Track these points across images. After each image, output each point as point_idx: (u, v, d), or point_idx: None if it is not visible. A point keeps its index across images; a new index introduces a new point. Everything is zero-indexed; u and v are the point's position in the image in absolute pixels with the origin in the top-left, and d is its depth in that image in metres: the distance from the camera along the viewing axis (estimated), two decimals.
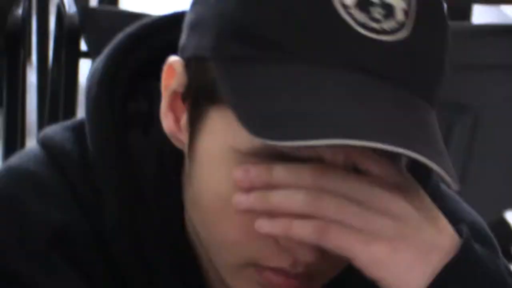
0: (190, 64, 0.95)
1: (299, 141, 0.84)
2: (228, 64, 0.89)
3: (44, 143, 1.04)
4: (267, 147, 0.87)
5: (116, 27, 1.12)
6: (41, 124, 3.51)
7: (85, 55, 3.18)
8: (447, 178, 0.84)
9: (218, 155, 0.93)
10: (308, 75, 0.87)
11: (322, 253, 0.92)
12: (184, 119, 0.97)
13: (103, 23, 2.98)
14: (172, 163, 1.01)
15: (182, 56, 0.97)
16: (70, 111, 3.22)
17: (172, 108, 0.97)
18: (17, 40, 3.18)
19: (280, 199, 0.89)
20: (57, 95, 3.24)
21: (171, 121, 0.97)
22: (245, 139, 0.88)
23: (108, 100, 1.01)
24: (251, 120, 0.86)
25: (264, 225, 0.89)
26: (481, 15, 3.99)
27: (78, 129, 1.03)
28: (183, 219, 1.01)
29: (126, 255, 1.00)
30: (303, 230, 0.88)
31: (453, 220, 0.94)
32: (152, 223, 1.00)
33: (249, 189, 0.90)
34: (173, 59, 0.97)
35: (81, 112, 3.39)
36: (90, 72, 1.04)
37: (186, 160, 1.01)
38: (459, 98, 2.23)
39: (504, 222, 2.98)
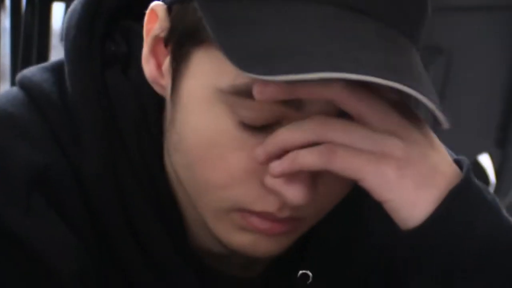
0: (172, 7, 0.94)
1: (291, 75, 0.79)
2: (211, 2, 0.87)
3: (23, 84, 1.01)
4: (248, 85, 0.84)
5: None
6: (14, 68, 3.44)
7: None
8: (440, 116, 0.82)
9: (202, 96, 0.91)
10: (292, 9, 0.83)
11: (312, 194, 0.89)
12: (166, 63, 0.95)
13: None
14: (151, 105, 0.99)
15: (164, 1, 0.96)
16: (43, 54, 3.20)
17: (154, 53, 0.95)
18: None
19: (285, 135, 0.85)
20: (31, 38, 3.22)
21: (153, 66, 0.95)
22: (228, 78, 0.86)
23: (87, 41, 0.99)
24: (240, 57, 0.82)
25: (275, 166, 0.85)
26: None
27: (57, 70, 1.01)
28: (163, 163, 1.00)
29: (106, 197, 0.98)
30: (310, 156, 0.85)
31: None
32: (132, 165, 0.98)
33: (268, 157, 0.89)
34: (156, 3, 0.96)
35: (54, 56, 3.08)
36: (68, 14, 1.03)
37: (168, 105, 0.99)
38: (432, 40, 2.27)
39: (478, 166, 3.03)
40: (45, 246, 0.97)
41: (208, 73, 0.89)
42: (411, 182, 0.87)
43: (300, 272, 1.04)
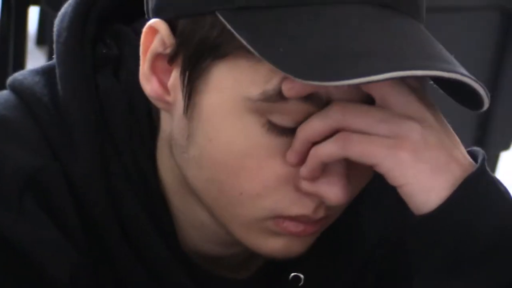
0: (177, 23, 0.91)
1: (355, 80, 0.77)
2: (236, 14, 0.84)
3: (14, 88, 1.01)
4: (276, 89, 0.83)
5: None
6: None
7: (34, 2, 3.13)
8: (485, 95, 0.81)
9: (228, 109, 0.89)
10: (329, 14, 0.83)
11: (349, 189, 0.90)
12: (172, 79, 0.93)
13: None
14: (142, 108, 0.98)
15: (161, 17, 0.92)
16: (20, 58, 3.19)
17: (154, 70, 0.93)
18: None
19: (307, 127, 0.83)
20: (7, 41, 3.24)
21: (155, 84, 0.93)
22: (257, 86, 0.85)
23: (78, 44, 0.99)
24: (293, 66, 0.80)
25: (302, 169, 0.86)
26: None
27: (48, 73, 1.00)
28: (156, 166, 0.98)
29: (97, 199, 0.97)
30: (327, 146, 0.86)
31: None
32: (124, 168, 0.97)
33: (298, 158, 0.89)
34: (154, 20, 0.92)
35: (30, 59, 3.01)
36: (58, 17, 1.02)
37: (168, 119, 0.96)
38: None
39: None
40: (37, 250, 0.95)
41: (234, 85, 0.87)
42: (427, 167, 0.86)
43: (292, 274, 1.04)
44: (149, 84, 0.93)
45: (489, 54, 2.21)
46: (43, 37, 3.81)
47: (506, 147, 2.61)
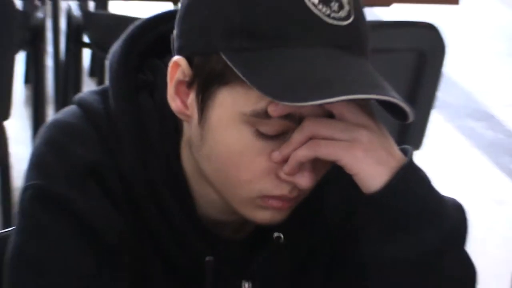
0: (194, 59, 1.03)
1: (320, 101, 0.94)
2: (235, 54, 0.98)
3: (79, 103, 1.11)
4: (264, 109, 0.98)
5: (108, 25, 1.29)
6: (57, 95, 3.68)
7: (87, 45, 3.39)
8: (411, 114, 0.98)
9: (229, 121, 1.02)
10: (300, 54, 0.97)
11: (314, 177, 1.04)
12: (190, 99, 1.05)
13: (99, 22, 3.25)
14: (170, 120, 1.09)
15: (181, 54, 1.04)
16: (76, 85, 3.45)
17: (177, 93, 1.05)
18: (39, 35, 3.34)
19: (293, 141, 1.00)
20: (67, 74, 3.52)
21: (178, 102, 1.05)
22: (249, 106, 0.99)
23: (124, 72, 1.10)
24: (273, 91, 0.95)
25: (285, 168, 1.01)
26: None
27: (102, 93, 1.12)
28: (180, 158, 1.10)
29: (138, 184, 1.09)
30: (303, 150, 1.00)
31: None
32: (158, 160, 1.10)
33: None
34: (177, 57, 1.04)
35: (85, 87, 3.50)
36: (110, 53, 1.12)
37: (188, 127, 1.08)
38: None
39: None
40: (94, 218, 1.07)
41: (233, 104, 1.00)
42: (373, 161, 1.03)
43: (275, 234, 1.13)
44: (174, 102, 1.05)
45: (407, 84, 2.44)
46: (94, 70, 4.05)
47: (417, 147, 2.70)
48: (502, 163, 3.52)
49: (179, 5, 1.07)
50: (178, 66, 1.04)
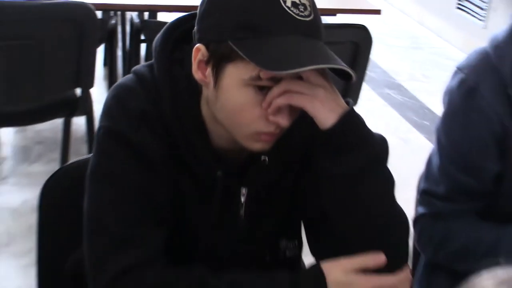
0: (209, 45, 1.19)
1: (293, 70, 1.12)
2: (238, 41, 1.16)
3: (135, 72, 1.29)
4: (257, 75, 1.15)
5: (157, 28, 1.44)
6: (124, 73, 4.09)
7: (143, 41, 3.73)
8: (354, 75, 1.14)
9: (234, 85, 1.18)
10: (281, 40, 1.16)
11: (290, 119, 1.17)
12: (207, 72, 1.19)
13: (151, 26, 3.67)
14: (194, 83, 1.24)
15: (201, 43, 1.20)
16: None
17: (199, 67, 1.19)
18: (112, 34, 3.82)
19: (273, 93, 1.22)
20: (130, 60, 3.91)
21: (200, 74, 1.20)
22: (248, 74, 1.15)
23: (163, 52, 1.28)
24: (262, 61, 1.14)
25: (269, 111, 1.21)
26: None
27: (150, 66, 1.29)
28: (200, 109, 1.28)
29: (174, 126, 1.28)
30: (282, 99, 1.18)
31: None
32: (185, 110, 1.27)
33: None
34: (198, 45, 1.19)
35: None
36: (155, 40, 1.29)
37: (206, 91, 1.24)
38: None
39: None
40: (145, 148, 1.26)
41: (236, 74, 1.17)
42: (327, 109, 1.19)
43: (262, 157, 1.31)
44: (197, 74, 1.20)
45: (347, 65, 2.64)
46: (147, 57, 4.31)
47: (355, 103, 2.85)
48: (407, 116, 4.16)
49: (198, 10, 1.21)
50: (199, 50, 1.20)
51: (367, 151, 1.24)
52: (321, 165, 1.25)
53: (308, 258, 1.36)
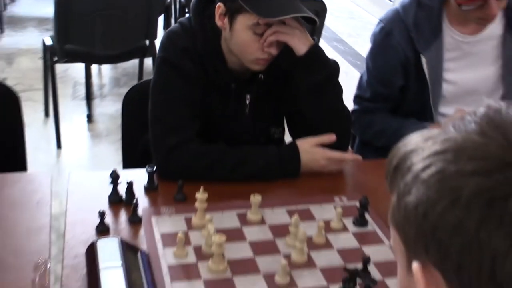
0: (226, 3, 1.46)
1: (280, 17, 1.45)
2: (248, 2, 1.47)
3: (179, 22, 1.54)
4: (258, 22, 1.46)
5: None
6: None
7: (187, 13, 3.89)
8: (318, 22, 1.42)
9: (242, 29, 1.47)
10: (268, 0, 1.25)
11: (277, 49, 1.42)
12: (225, 21, 1.44)
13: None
14: (217, 29, 1.50)
15: (220, 1, 1.48)
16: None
17: (220, 18, 1.45)
18: (168, 8, 4.71)
19: (267, 33, 1.56)
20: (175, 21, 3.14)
21: (220, 22, 1.45)
22: (251, 21, 1.42)
23: (198, 9, 1.51)
24: (260, 12, 1.44)
25: (265, 44, 1.53)
26: None
27: (189, 18, 1.50)
28: (220, 43, 1.55)
29: (205, 56, 1.60)
30: (272, 36, 1.51)
31: None
32: (212, 46, 1.56)
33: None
34: (219, 3, 1.43)
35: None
36: (192, 2, 1.52)
37: (224, 33, 1.49)
38: None
39: None
40: (188, 70, 1.62)
41: (244, 21, 1.44)
42: (301, 42, 1.52)
43: (260, 75, 1.57)
44: (218, 22, 1.47)
45: (311, 26, 3.07)
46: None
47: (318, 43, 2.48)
48: (347, 58, 4.45)
49: None
50: (219, 7, 1.42)
51: (327, 69, 1.45)
52: (298, 78, 1.47)
53: (288, 139, 1.61)
